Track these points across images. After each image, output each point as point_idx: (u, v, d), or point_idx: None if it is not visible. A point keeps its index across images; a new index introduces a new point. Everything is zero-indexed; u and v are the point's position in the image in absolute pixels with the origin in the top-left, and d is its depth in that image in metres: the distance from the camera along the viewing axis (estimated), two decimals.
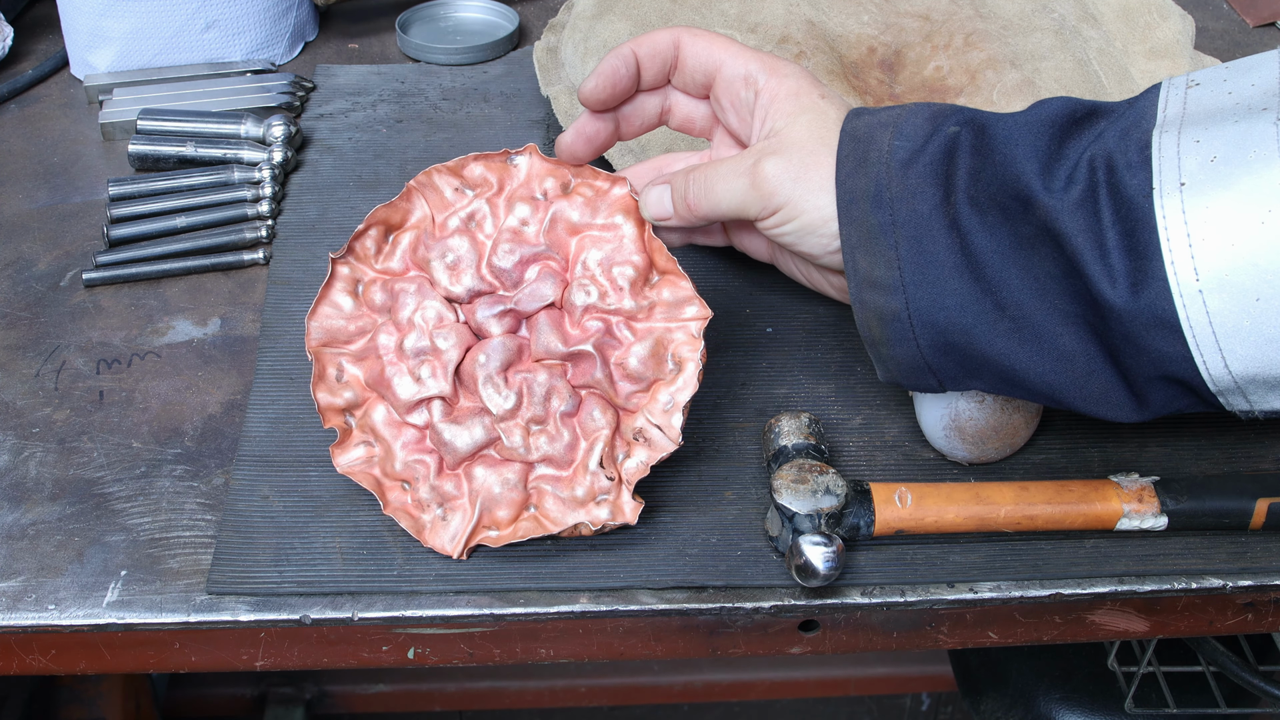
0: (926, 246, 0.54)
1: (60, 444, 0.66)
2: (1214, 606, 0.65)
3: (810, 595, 0.60)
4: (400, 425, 0.62)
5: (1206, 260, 0.48)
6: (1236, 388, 0.50)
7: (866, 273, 0.55)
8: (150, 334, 0.73)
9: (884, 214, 0.54)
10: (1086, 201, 0.50)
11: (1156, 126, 0.51)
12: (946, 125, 0.55)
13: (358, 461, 0.62)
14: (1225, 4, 1.11)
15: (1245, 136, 0.48)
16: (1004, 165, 0.53)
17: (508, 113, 0.93)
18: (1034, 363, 0.53)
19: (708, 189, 0.60)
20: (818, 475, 0.60)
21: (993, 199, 0.53)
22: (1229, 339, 0.48)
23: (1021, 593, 0.61)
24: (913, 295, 0.54)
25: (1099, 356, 0.52)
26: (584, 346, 0.61)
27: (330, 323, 0.63)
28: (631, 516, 0.60)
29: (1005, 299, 0.53)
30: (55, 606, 0.58)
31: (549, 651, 0.62)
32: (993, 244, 0.53)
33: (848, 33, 0.84)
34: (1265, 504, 0.61)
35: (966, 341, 0.54)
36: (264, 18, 0.96)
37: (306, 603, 0.58)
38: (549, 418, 0.61)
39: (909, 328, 0.55)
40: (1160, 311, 0.49)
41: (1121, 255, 0.49)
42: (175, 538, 0.61)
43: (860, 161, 0.56)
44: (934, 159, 0.54)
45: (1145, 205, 0.49)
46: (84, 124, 0.91)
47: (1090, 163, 0.51)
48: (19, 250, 0.79)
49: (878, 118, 0.57)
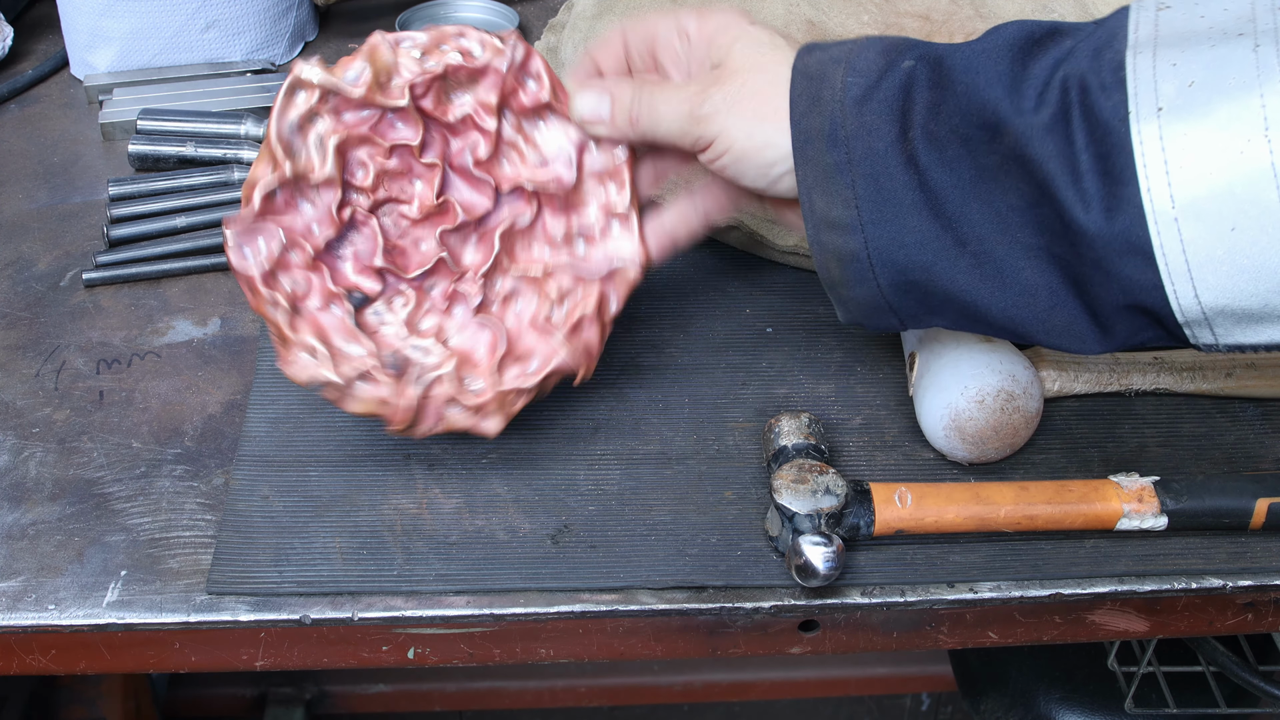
0: (884, 184, 0.53)
1: (60, 444, 0.66)
2: (1214, 606, 0.65)
3: (810, 595, 0.60)
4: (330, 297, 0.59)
5: (1183, 187, 0.47)
6: (1204, 319, 0.49)
7: (824, 213, 0.55)
8: (150, 334, 0.73)
9: (839, 152, 0.54)
10: (1058, 123, 0.49)
11: (1129, 47, 0.49)
12: (902, 60, 0.54)
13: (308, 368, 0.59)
14: None
15: (1224, 62, 0.47)
16: (966, 94, 0.52)
17: None
18: (996, 298, 0.53)
19: (651, 107, 0.59)
20: (818, 475, 0.60)
21: (954, 131, 0.52)
22: (1201, 268, 0.47)
23: (1021, 593, 0.61)
24: (871, 234, 0.54)
25: (1062, 289, 0.52)
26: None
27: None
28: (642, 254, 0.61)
29: (966, 234, 0.52)
30: (55, 606, 0.58)
31: (549, 651, 0.62)
32: (952, 179, 0.52)
33: (848, 33, 0.84)
34: (1265, 504, 0.61)
35: (927, 279, 0.53)
36: (264, 18, 0.96)
37: (306, 603, 0.58)
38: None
39: (868, 267, 0.54)
40: (1133, 237, 0.48)
41: (1095, 179, 0.48)
42: (175, 538, 0.61)
43: (814, 100, 0.55)
44: (889, 95, 0.54)
45: (1121, 129, 0.48)
46: (84, 124, 0.91)
47: (1062, 83, 0.50)
48: (19, 250, 0.79)
49: (829, 53, 0.56)
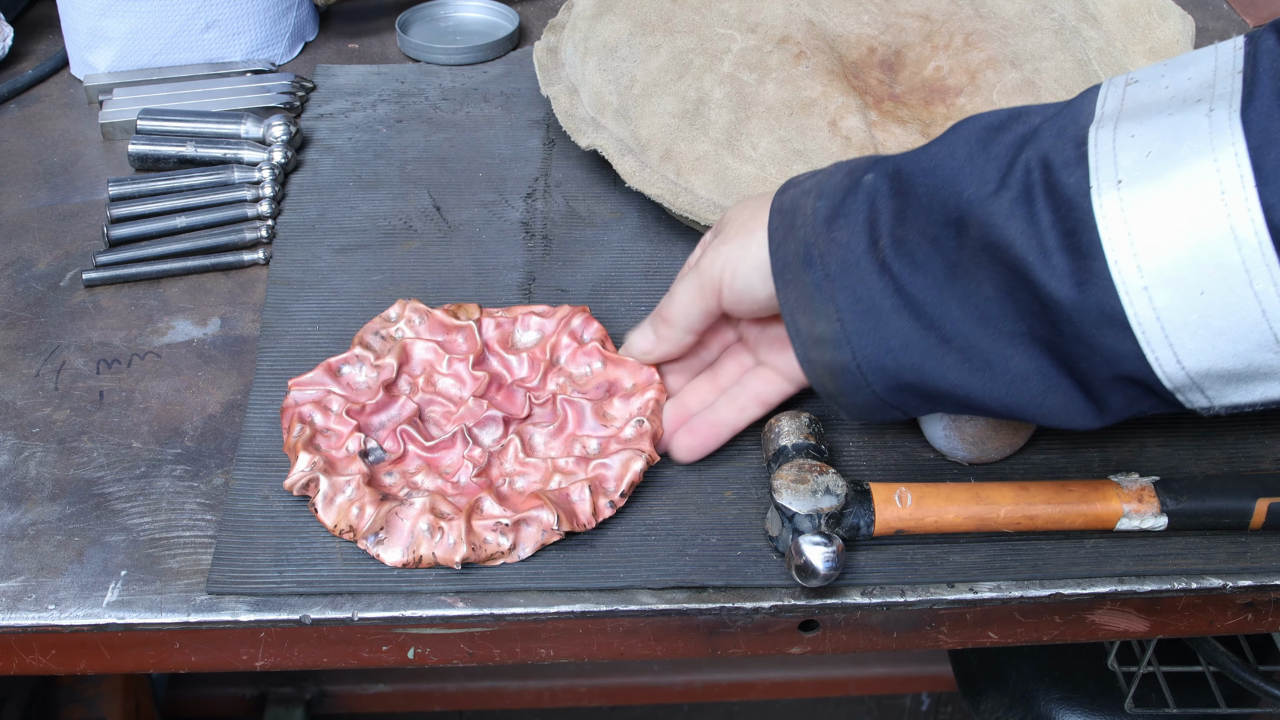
0: (861, 294, 0.54)
1: (60, 444, 0.66)
2: (1214, 606, 0.65)
3: (810, 595, 0.60)
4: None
5: (1149, 257, 0.47)
6: (1193, 384, 0.49)
7: (809, 331, 0.56)
8: (150, 334, 0.73)
9: (816, 271, 0.55)
10: (1022, 204, 0.49)
11: (1094, 122, 0.50)
12: (863, 176, 0.56)
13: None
14: (1225, 4, 1.11)
15: (1179, 129, 0.47)
16: (928, 195, 0.52)
17: (508, 113, 0.93)
18: (989, 389, 0.53)
19: (670, 298, 0.64)
20: (818, 475, 0.60)
21: (921, 234, 0.53)
22: (1178, 334, 0.47)
23: (1021, 593, 0.61)
24: (858, 344, 0.54)
25: (1052, 371, 0.52)
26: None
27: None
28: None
29: (949, 331, 0.53)
30: (55, 606, 0.58)
31: (549, 651, 0.62)
32: (926, 280, 0.52)
33: (848, 33, 0.84)
34: (1265, 504, 0.61)
35: (919, 379, 0.54)
36: (264, 18, 0.96)
37: (306, 603, 0.58)
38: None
39: (860, 376, 0.55)
40: (1107, 308, 0.48)
41: (1063, 255, 0.48)
42: (175, 538, 0.61)
43: (789, 229, 0.57)
44: (854, 209, 0.55)
45: (1083, 204, 0.48)
46: (84, 124, 0.91)
47: (1026, 164, 0.50)
48: (19, 250, 0.79)
49: (801, 187, 0.58)
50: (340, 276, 0.77)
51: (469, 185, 0.85)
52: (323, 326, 0.73)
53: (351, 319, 0.73)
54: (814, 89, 0.78)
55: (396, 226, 0.81)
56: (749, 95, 0.78)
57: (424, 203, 0.83)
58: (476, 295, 0.76)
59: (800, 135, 0.76)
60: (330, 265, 0.78)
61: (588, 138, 0.81)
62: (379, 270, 0.77)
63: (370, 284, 0.76)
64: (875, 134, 0.77)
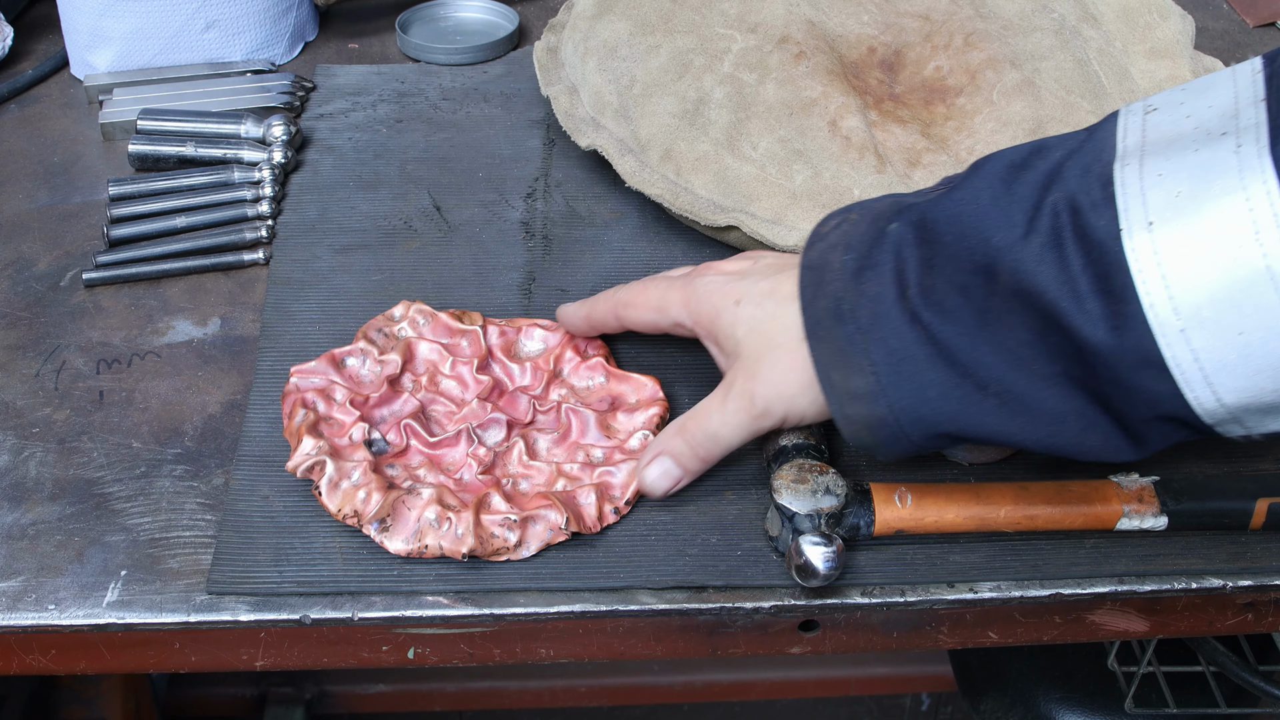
0: (894, 346, 0.53)
1: (60, 444, 0.66)
2: (1214, 606, 0.65)
3: (810, 595, 0.60)
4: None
5: (1184, 299, 0.46)
6: (1232, 418, 0.49)
7: (843, 387, 0.55)
8: (150, 334, 0.73)
9: (848, 325, 0.54)
10: (1051, 249, 0.49)
11: (1118, 158, 0.49)
12: (888, 225, 0.55)
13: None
14: (1225, 4, 1.11)
15: (1208, 167, 0.47)
16: (955, 244, 0.52)
17: (508, 113, 0.93)
18: (1027, 430, 0.53)
19: (712, 437, 0.60)
20: (818, 475, 0.60)
21: (949, 282, 0.52)
22: (1217, 373, 0.47)
23: (1021, 593, 0.61)
24: (894, 397, 0.54)
25: (1090, 410, 0.51)
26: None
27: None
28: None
29: (984, 378, 0.52)
30: (55, 606, 0.58)
31: (549, 651, 0.62)
32: (958, 329, 0.52)
33: (848, 33, 0.84)
34: (1265, 504, 0.61)
35: (957, 427, 0.54)
36: (264, 18, 0.96)
37: (306, 603, 0.58)
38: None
39: (898, 428, 0.54)
40: (1144, 351, 0.47)
41: (1097, 300, 0.48)
42: (175, 538, 0.61)
43: (819, 285, 0.56)
44: (881, 261, 0.54)
45: (1115, 248, 0.47)
46: (84, 124, 0.91)
47: (1053, 207, 0.49)
48: (19, 250, 0.79)
49: (827, 240, 0.57)
50: (340, 276, 0.77)
51: (469, 185, 0.85)
52: (323, 326, 0.73)
53: (352, 319, 0.73)
54: (814, 89, 0.78)
55: (396, 226, 0.81)
56: (749, 95, 0.78)
57: (424, 203, 0.83)
58: (476, 295, 0.76)
59: (800, 135, 0.76)
60: (330, 265, 0.78)
61: (588, 138, 0.81)
62: (379, 270, 0.77)
63: (370, 284, 0.76)
64: (875, 134, 0.77)
